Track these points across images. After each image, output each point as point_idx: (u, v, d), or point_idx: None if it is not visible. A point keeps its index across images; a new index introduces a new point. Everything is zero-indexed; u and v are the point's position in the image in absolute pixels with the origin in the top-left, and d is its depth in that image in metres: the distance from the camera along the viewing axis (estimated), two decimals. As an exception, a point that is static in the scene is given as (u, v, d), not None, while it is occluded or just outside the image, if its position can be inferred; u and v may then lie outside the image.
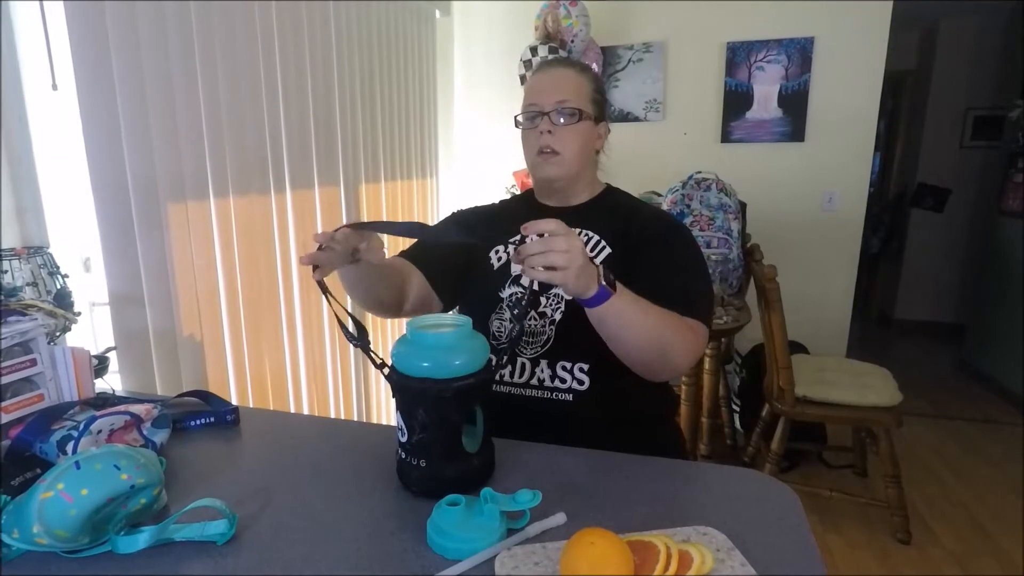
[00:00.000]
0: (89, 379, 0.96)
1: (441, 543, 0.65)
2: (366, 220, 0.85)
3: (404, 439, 0.77)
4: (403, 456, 0.78)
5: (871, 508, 2.11)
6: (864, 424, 2.21)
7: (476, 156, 3.18)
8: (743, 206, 2.33)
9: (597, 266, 0.83)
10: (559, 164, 1.06)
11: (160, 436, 0.89)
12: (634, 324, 0.87)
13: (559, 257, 0.75)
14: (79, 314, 1.07)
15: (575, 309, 1.01)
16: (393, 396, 0.79)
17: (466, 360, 0.75)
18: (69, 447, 0.79)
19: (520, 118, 1.09)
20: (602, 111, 1.10)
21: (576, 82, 1.07)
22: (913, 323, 4.46)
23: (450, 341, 0.76)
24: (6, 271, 1.04)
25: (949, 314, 4.36)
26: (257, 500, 0.78)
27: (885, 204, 4.76)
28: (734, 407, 2.76)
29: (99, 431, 0.81)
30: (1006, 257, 3.40)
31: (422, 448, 0.76)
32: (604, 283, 0.81)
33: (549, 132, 1.04)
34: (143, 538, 0.65)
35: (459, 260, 1.13)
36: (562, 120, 1.04)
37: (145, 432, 0.88)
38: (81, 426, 0.80)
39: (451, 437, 0.76)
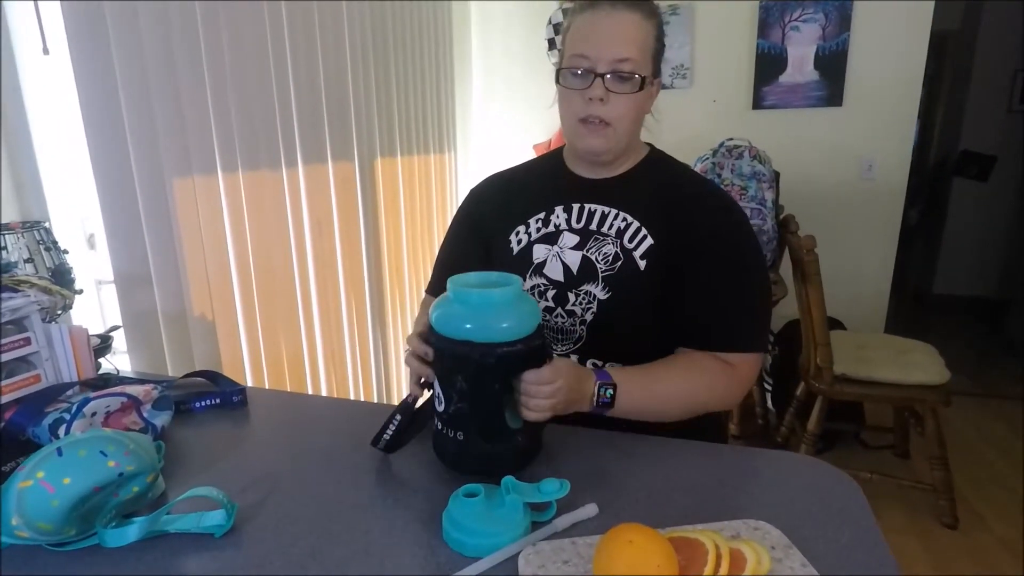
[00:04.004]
0: (88, 359, 0.91)
1: (458, 538, 0.58)
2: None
3: (441, 408, 0.70)
4: (439, 427, 0.71)
5: (913, 491, 2.01)
6: (909, 403, 2.09)
7: (495, 130, 3.08)
8: (776, 175, 2.21)
9: (596, 380, 0.78)
10: (607, 137, 0.87)
11: (161, 419, 0.84)
12: (650, 411, 0.84)
13: (539, 403, 0.71)
14: (80, 292, 1.02)
15: (607, 310, 0.91)
16: (431, 361, 0.72)
17: (514, 324, 0.67)
18: (62, 430, 0.73)
19: (564, 74, 0.87)
20: (659, 64, 0.90)
21: (642, 32, 0.85)
22: (953, 298, 4.26)
23: (497, 301, 0.67)
24: (3, 247, 0.99)
25: (992, 288, 4.15)
26: (262, 488, 0.72)
27: (924, 174, 4.54)
28: (766, 386, 2.66)
29: (93, 413, 0.76)
30: (1058, 227, 3.20)
31: (459, 420, 0.69)
32: (596, 405, 0.79)
33: (600, 100, 0.84)
34: (133, 531, 0.60)
35: (481, 259, 1.02)
36: (619, 87, 0.84)
37: (145, 414, 0.83)
38: (74, 408, 0.74)
39: (492, 410, 0.69)
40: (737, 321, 0.88)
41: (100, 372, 0.99)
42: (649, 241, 0.89)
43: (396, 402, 0.80)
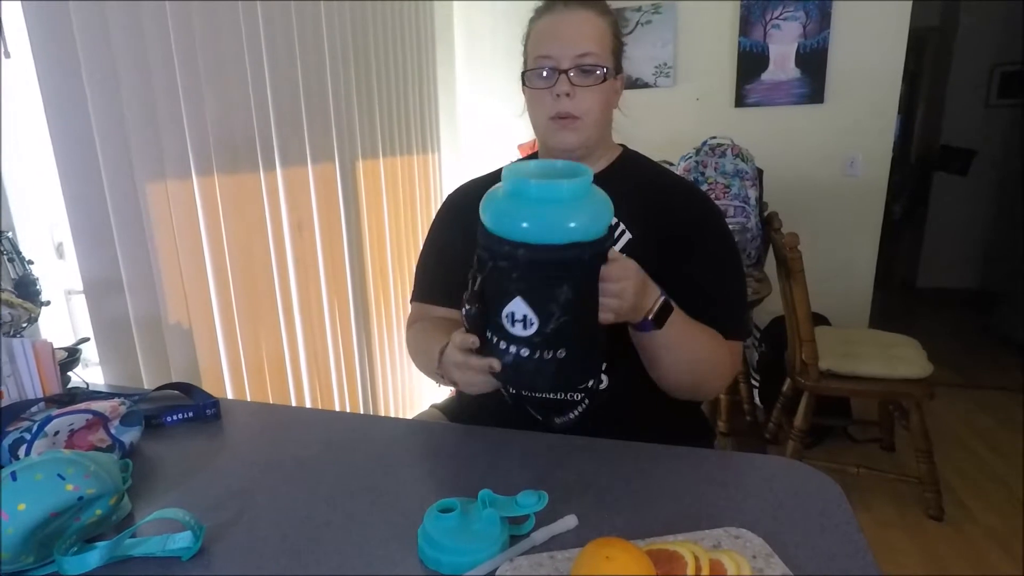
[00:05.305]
0: (53, 374, 0.88)
1: (434, 556, 0.56)
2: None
3: (531, 331, 0.63)
4: (527, 354, 0.65)
5: (900, 484, 2.02)
6: (894, 397, 2.10)
7: (479, 130, 3.06)
8: (760, 173, 2.20)
9: (659, 295, 0.76)
10: (578, 131, 0.90)
11: (130, 435, 0.81)
12: (676, 358, 0.83)
13: (609, 301, 0.70)
14: (47, 303, 0.99)
15: None
16: (511, 276, 0.63)
17: (608, 215, 0.64)
18: (22, 451, 0.71)
19: (530, 76, 0.90)
20: (620, 60, 0.94)
21: (598, 28, 0.89)
22: (937, 291, 4.31)
23: (585, 193, 0.63)
24: (-36, 259, 0.96)
25: (975, 280, 4.20)
26: (233, 506, 0.69)
27: (907, 169, 4.58)
28: (753, 382, 2.66)
29: (56, 432, 0.73)
30: (1037, 219, 3.23)
31: (562, 335, 0.64)
32: (650, 318, 0.76)
33: (567, 95, 0.87)
34: (94, 557, 0.57)
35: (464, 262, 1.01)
36: (584, 80, 0.87)
37: (113, 431, 0.80)
38: (35, 427, 0.72)
39: (592, 315, 0.67)
40: (726, 309, 0.91)
41: (68, 387, 0.96)
42: (627, 236, 0.91)
43: (382, 411, 0.79)
